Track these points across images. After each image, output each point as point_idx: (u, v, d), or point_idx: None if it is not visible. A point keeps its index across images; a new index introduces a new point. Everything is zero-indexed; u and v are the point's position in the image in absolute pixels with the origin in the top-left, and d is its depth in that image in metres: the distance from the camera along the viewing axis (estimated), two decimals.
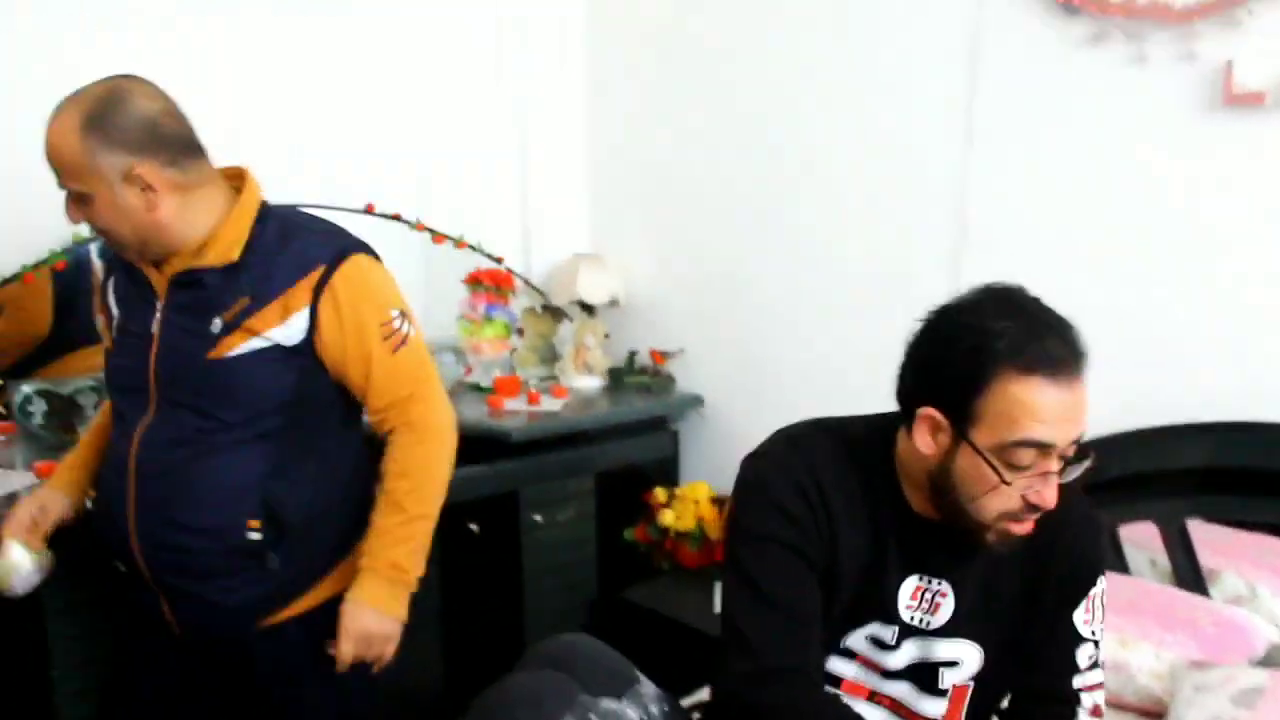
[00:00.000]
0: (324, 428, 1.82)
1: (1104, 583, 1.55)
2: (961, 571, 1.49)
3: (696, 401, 3.25)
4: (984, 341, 1.34)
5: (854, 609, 1.51)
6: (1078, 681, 1.52)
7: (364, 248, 1.81)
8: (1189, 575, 2.25)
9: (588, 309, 3.36)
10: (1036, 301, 1.39)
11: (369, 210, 3.11)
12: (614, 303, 3.38)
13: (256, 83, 2.95)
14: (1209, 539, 2.28)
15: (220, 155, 1.79)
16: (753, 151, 3.07)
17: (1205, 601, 2.15)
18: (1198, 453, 2.29)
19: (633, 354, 3.35)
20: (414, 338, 1.82)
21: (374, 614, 1.78)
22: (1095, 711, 1.52)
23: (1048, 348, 1.32)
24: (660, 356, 3.29)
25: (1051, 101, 2.47)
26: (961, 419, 1.35)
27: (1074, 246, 2.46)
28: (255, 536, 1.73)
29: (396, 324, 1.79)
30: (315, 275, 1.72)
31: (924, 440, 1.40)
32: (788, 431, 1.58)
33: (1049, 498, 1.35)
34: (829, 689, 1.53)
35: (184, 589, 1.77)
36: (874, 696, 1.54)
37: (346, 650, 1.77)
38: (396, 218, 3.15)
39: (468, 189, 3.36)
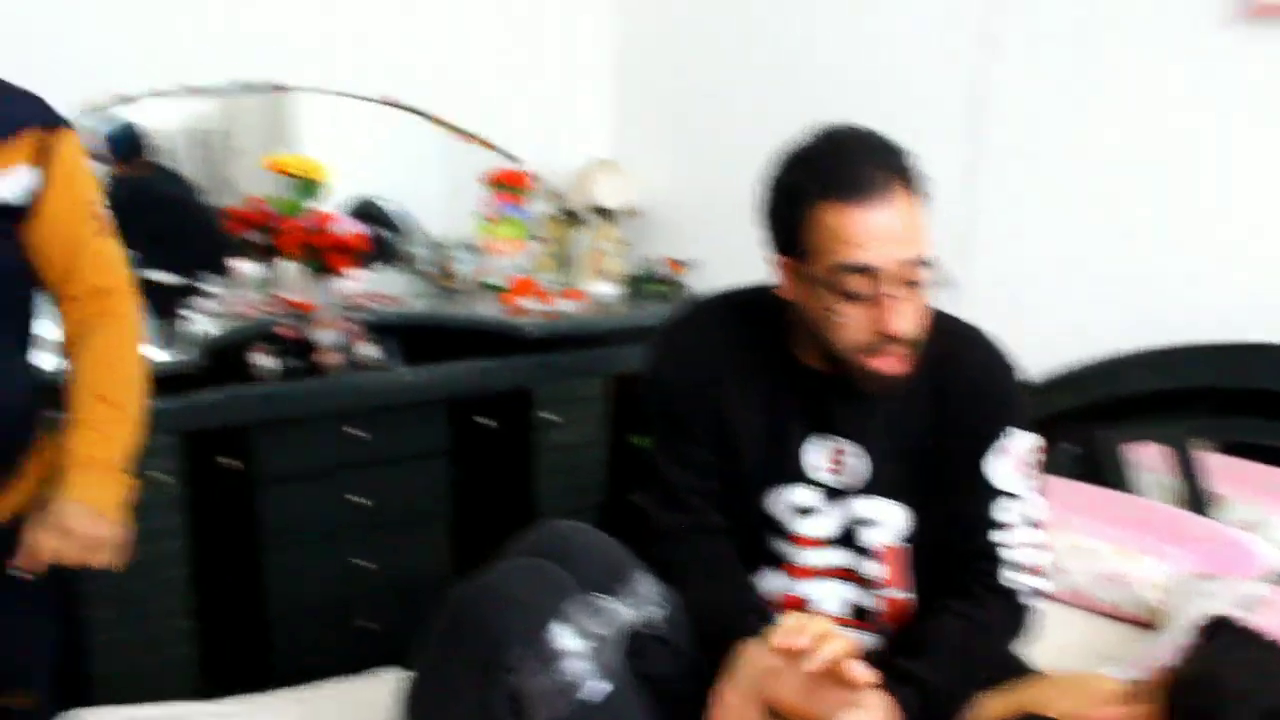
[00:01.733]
0: (30, 309, 1.69)
1: (1022, 435, 1.53)
2: (866, 427, 1.50)
3: None
4: (795, 177, 1.40)
5: (763, 471, 1.53)
6: (996, 536, 1.50)
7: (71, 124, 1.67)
8: (1195, 498, 2.27)
9: (606, 215, 3.35)
10: (857, 132, 1.41)
11: (388, 102, 3.09)
12: (632, 210, 3.37)
13: None
14: (1221, 467, 2.28)
15: (247, 40, 1.71)
16: (778, 66, 3.04)
17: (1212, 522, 2.16)
18: (1207, 373, 2.29)
19: (650, 262, 3.34)
20: (111, 229, 1.70)
21: (92, 513, 1.60)
22: (1026, 568, 1.51)
23: (854, 173, 1.35)
24: (677, 265, 3.28)
25: (1071, 14, 2.44)
26: (797, 257, 1.40)
27: (1089, 164, 2.45)
28: None
29: (99, 209, 1.68)
30: (32, 135, 1.58)
31: (784, 288, 1.46)
32: (691, 304, 1.66)
33: (893, 323, 1.37)
34: (771, 574, 1.55)
35: None
36: (815, 572, 1.54)
37: (57, 548, 1.58)
38: (418, 112, 3.14)
39: (490, 88, 3.32)
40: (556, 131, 3.45)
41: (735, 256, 1.87)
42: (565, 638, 1.27)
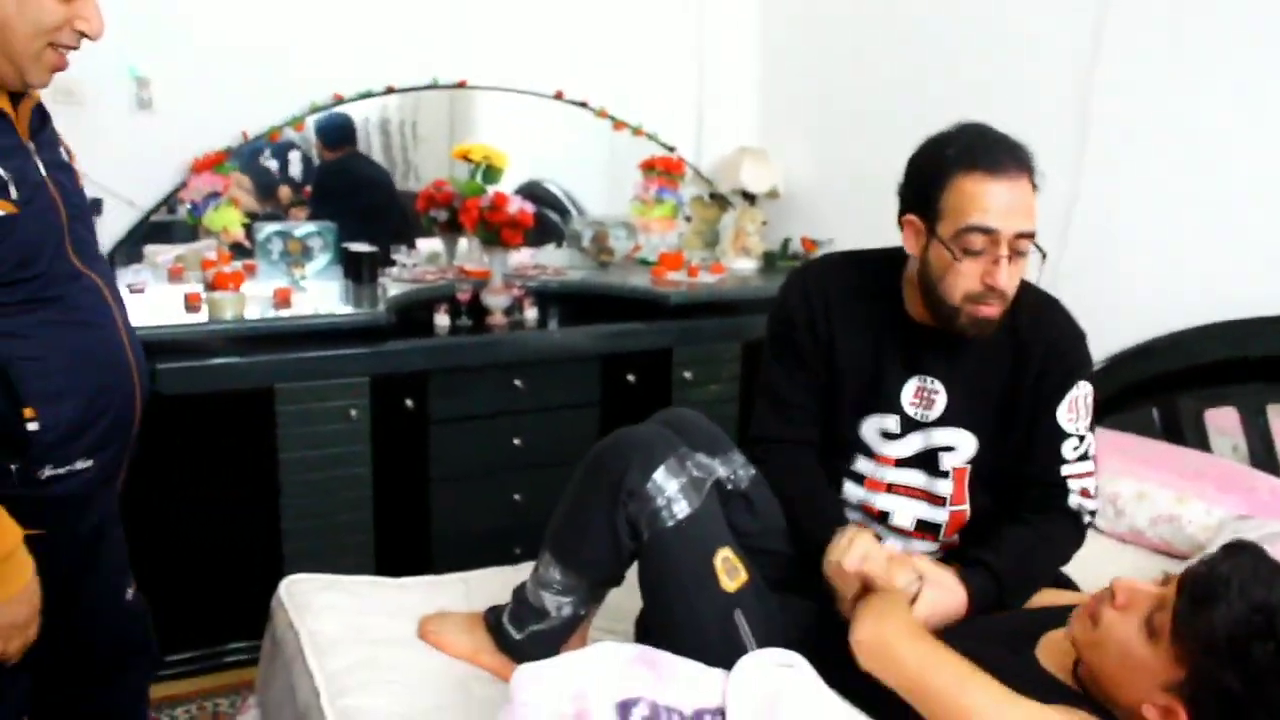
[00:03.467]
0: None
1: (1087, 386, 1.81)
2: (953, 370, 1.81)
3: None
4: (941, 151, 1.69)
5: (861, 400, 1.85)
6: (1065, 470, 1.79)
7: None
8: (1265, 459, 2.45)
9: (749, 198, 3.68)
10: (989, 128, 1.71)
11: (558, 96, 3.50)
12: (773, 193, 3.69)
13: None
14: None
15: (411, 39, 2.04)
16: (909, 58, 3.30)
17: (1267, 476, 2.36)
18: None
19: (786, 240, 3.66)
20: None
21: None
22: (1084, 494, 1.80)
23: (991, 152, 1.65)
24: (811, 244, 3.58)
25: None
26: (930, 218, 1.69)
27: (1191, 146, 2.61)
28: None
29: None
30: None
31: (909, 243, 1.75)
32: (821, 257, 2.00)
33: (1001, 279, 1.65)
34: (852, 486, 1.88)
35: None
36: (892, 488, 1.85)
37: None
38: (584, 104, 3.53)
39: (648, 83, 3.70)
40: (707, 122, 3.80)
41: (863, 236, 2.13)
42: (666, 477, 1.63)
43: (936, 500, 1.84)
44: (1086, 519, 1.81)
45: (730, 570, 1.64)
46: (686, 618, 1.63)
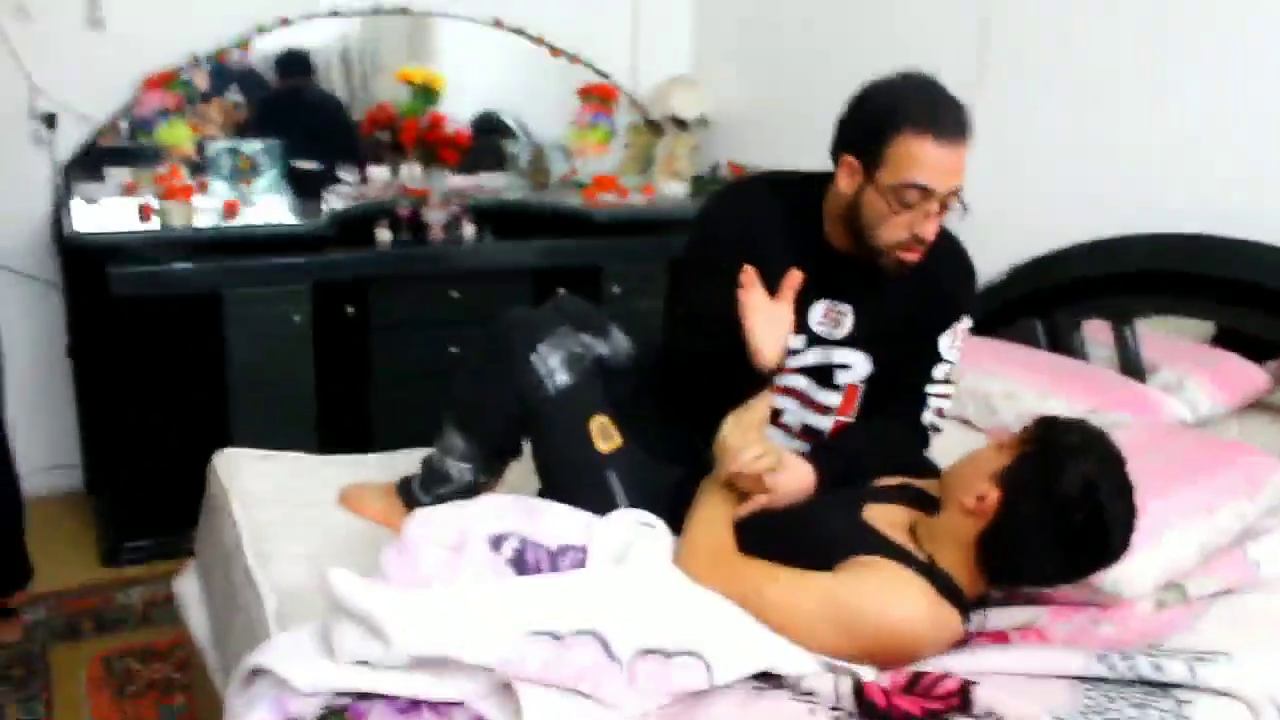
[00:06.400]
0: None
1: (968, 321, 1.98)
2: (862, 297, 1.96)
3: None
4: (893, 104, 1.79)
5: None
6: (929, 388, 1.96)
7: None
8: (1132, 366, 2.68)
9: (681, 124, 3.87)
10: (939, 85, 1.82)
11: (498, 24, 3.67)
12: (703, 120, 3.88)
13: None
14: (1155, 341, 2.69)
15: None
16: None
17: (1125, 379, 2.59)
18: (1146, 259, 2.69)
19: (715, 165, 3.85)
20: None
21: None
22: (939, 413, 1.98)
23: (941, 116, 1.76)
24: (738, 169, 3.77)
25: None
26: (870, 164, 1.80)
27: (1080, 77, 2.83)
28: None
29: None
30: None
31: (843, 181, 1.86)
32: (744, 177, 2.10)
33: (928, 231, 1.81)
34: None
35: None
36: (787, 391, 2.01)
37: None
38: (520, 32, 3.70)
39: (585, 11, 3.86)
40: (642, 50, 3.97)
41: (788, 162, 2.24)
42: (549, 351, 1.84)
43: (823, 410, 2.00)
44: (931, 435, 2.00)
45: (605, 435, 1.86)
46: (566, 478, 1.85)
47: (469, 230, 3.37)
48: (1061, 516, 1.57)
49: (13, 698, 2.49)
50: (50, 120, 3.14)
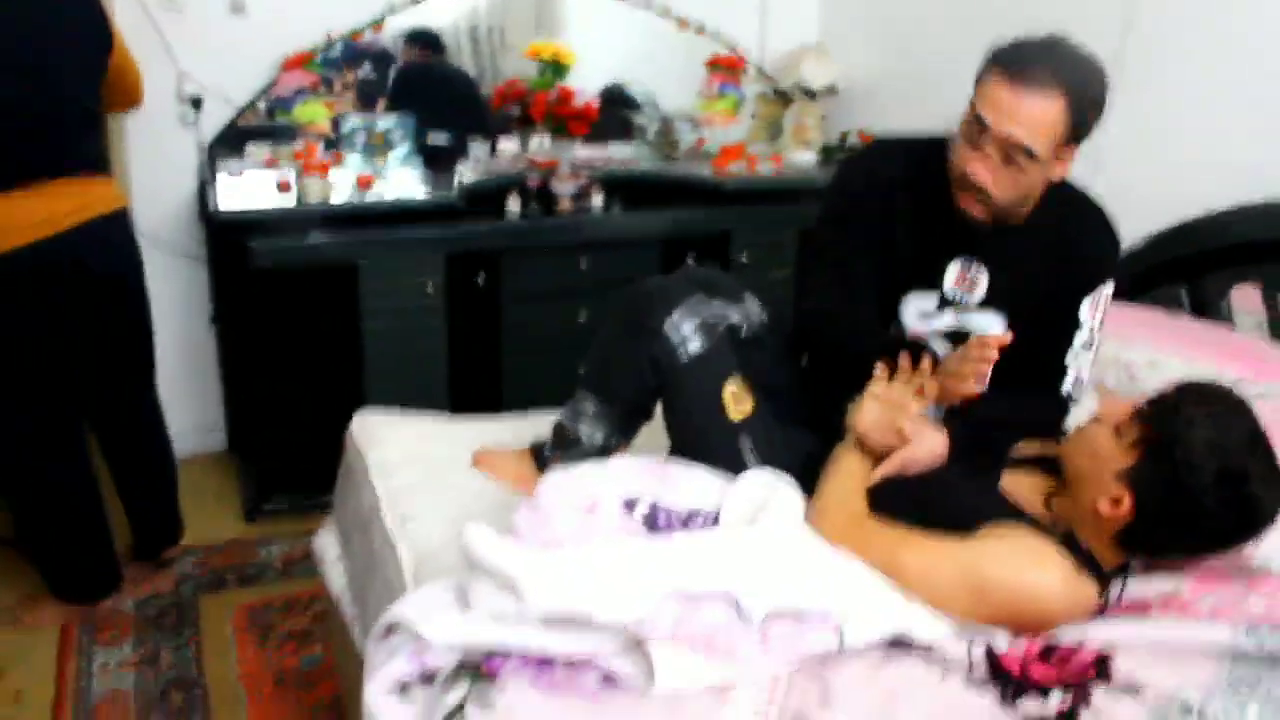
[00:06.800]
0: None
1: (1110, 288, 1.93)
2: (997, 257, 1.93)
3: None
4: (992, 50, 1.79)
5: (907, 279, 1.98)
6: (1069, 357, 1.92)
7: None
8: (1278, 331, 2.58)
9: (810, 94, 3.82)
10: (1055, 39, 1.77)
11: None
12: (832, 89, 3.83)
13: None
14: None
15: None
16: None
17: (1275, 346, 2.48)
18: None
19: (844, 134, 3.80)
20: None
21: None
22: (1078, 382, 1.93)
23: (1017, 59, 1.73)
24: (868, 138, 3.71)
25: None
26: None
27: (1231, 35, 2.70)
28: None
29: None
30: None
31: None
32: (880, 140, 2.08)
33: (968, 164, 1.77)
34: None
35: None
36: (917, 347, 1.96)
37: None
38: (647, 4, 3.70)
39: None
40: (769, 20, 3.92)
41: (918, 130, 2.24)
42: (683, 318, 1.85)
43: None
44: (1071, 405, 1.96)
45: (738, 401, 1.86)
46: (698, 443, 1.85)
47: (597, 201, 3.39)
48: (1199, 505, 1.52)
49: (166, 643, 2.64)
50: (196, 103, 3.26)
